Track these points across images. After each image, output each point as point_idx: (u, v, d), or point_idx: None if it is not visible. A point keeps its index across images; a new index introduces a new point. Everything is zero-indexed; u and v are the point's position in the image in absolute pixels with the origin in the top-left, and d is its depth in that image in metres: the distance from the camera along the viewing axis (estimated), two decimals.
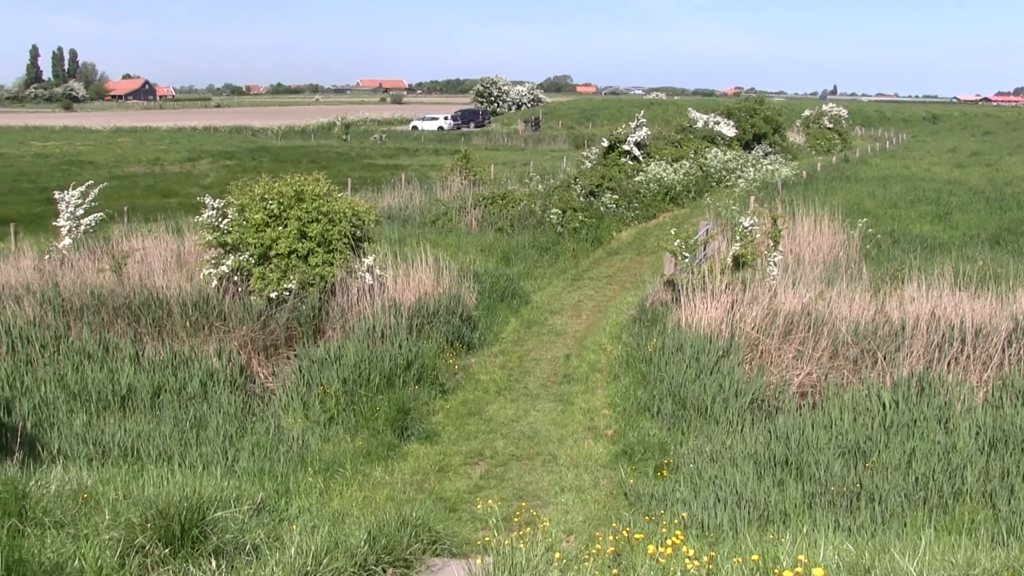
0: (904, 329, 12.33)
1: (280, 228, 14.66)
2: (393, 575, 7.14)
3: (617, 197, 28.74)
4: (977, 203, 29.41)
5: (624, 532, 7.68)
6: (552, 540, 7.25)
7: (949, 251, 20.10)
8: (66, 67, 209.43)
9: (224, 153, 57.60)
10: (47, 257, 16.99)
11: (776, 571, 5.98)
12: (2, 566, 5.37)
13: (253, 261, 14.65)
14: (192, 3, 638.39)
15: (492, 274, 19.09)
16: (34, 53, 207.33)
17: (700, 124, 46.13)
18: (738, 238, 16.12)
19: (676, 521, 8.25)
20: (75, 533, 6.27)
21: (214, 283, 14.61)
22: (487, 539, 7.44)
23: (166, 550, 6.10)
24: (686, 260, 16.21)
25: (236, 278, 14.76)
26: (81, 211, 18.29)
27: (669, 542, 6.79)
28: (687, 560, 6.40)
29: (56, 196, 18.67)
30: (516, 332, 16.52)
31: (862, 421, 10.46)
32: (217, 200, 15.37)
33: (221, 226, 15.12)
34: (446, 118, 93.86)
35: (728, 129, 46.51)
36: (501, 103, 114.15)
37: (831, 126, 66.73)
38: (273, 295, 14.31)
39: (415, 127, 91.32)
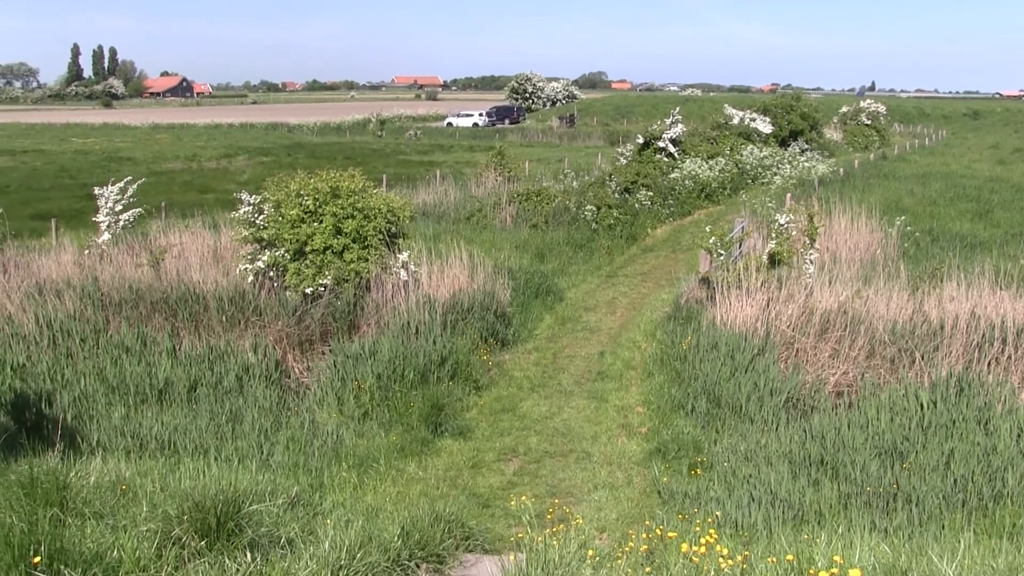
0: (943, 328, 12.18)
1: (315, 224, 14.74)
2: (427, 570, 7.16)
3: (652, 194, 28.62)
4: (1020, 200, 28.99)
5: (657, 530, 7.65)
6: (585, 537, 7.26)
7: (990, 249, 19.83)
8: (106, 65, 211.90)
9: (260, 149, 58.06)
10: (87, 252, 17.21)
11: (811, 571, 5.94)
12: (45, 555, 5.45)
13: (289, 257, 14.76)
14: (229, 0, 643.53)
15: (526, 271, 19.08)
16: (75, 52, 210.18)
17: (736, 121, 45.81)
18: (774, 236, 16.01)
19: (710, 520, 8.22)
20: (114, 524, 6.34)
21: (250, 278, 14.73)
22: (520, 535, 7.45)
23: (202, 542, 6.15)
24: (721, 257, 16.13)
25: (272, 273, 14.87)
26: (120, 207, 18.51)
27: (703, 541, 6.76)
28: (721, 559, 6.37)
29: (96, 192, 18.91)
30: (550, 329, 16.51)
31: (899, 421, 10.34)
32: (253, 196, 15.49)
33: (257, 222, 15.24)
34: (481, 115, 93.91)
35: (764, 126, 46.17)
36: (536, 100, 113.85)
37: (869, 123, 66.07)
38: (308, 290, 14.40)
39: (450, 124, 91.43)
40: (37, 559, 5.40)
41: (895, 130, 79.03)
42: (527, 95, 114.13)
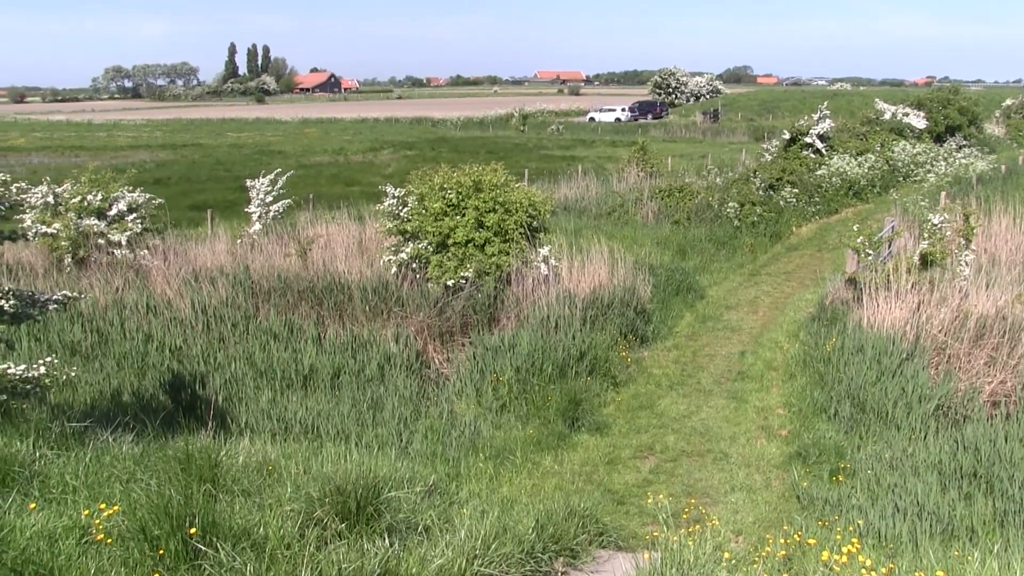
0: None
1: (458, 217, 14.94)
2: (563, 564, 7.16)
3: (797, 191, 27.92)
4: None
5: (796, 536, 7.44)
6: (721, 539, 7.12)
7: None
8: (259, 62, 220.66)
9: (405, 144, 59.30)
10: (239, 241, 17.94)
11: None
12: (199, 527, 5.71)
13: (431, 249, 15.00)
14: None
15: (667, 267, 18.89)
16: (232, 51, 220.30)
17: (887, 116, 44.23)
18: (926, 235, 15.37)
19: (851, 528, 7.94)
20: (260, 502, 6.58)
21: (393, 270, 15.06)
22: (655, 534, 7.37)
23: (342, 525, 6.32)
24: (869, 257, 15.59)
25: (414, 265, 15.16)
26: (270, 198, 19.22)
27: (844, 550, 6.54)
28: (863, 570, 6.16)
29: (248, 184, 19.69)
30: (690, 326, 16.29)
31: None
32: (398, 189, 15.82)
33: (401, 214, 15.55)
34: (623, 109, 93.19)
35: (918, 121, 44.36)
36: (679, 94, 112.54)
37: None
38: (450, 283, 14.61)
39: (592, 119, 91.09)
40: (193, 530, 5.67)
41: None
42: (670, 90, 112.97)
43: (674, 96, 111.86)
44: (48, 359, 8.67)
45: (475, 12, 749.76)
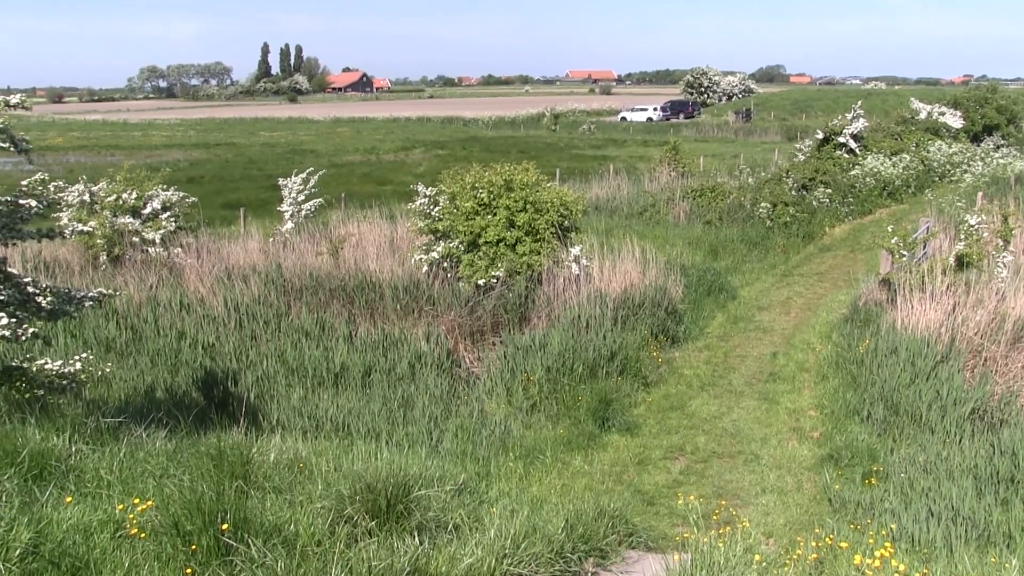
0: None
1: (489, 217, 14.95)
2: (593, 564, 7.15)
3: (831, 191, 27.71)
4: None
5: (827, 539, 7.37)
6: (751, 541, 7.06)
7: None
8: (292, 62, 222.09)
9: (436, 143, 59.46)
10: (271, 240, 18.06)
11: None
12: (230, 523, 5.75)
13: (462, 248, 15.03)
14: None
15: (699, 267, 18.82)
16: (264, 50, 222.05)
17: (923, 115, 43.72)
18: (962, 236, 15.20)
19: (884, 532, 7.85)
20: (291, 500, 6.61)
21: (424, 268, 15.09)
22: (686, 535, 7.33)
23: (372, 523, 6.34)
24: (903, 258, 15.43)
25: (446, 264, 15.19)
26: (302, 197, 19.33)
27: (877, 554, 6.48)
28: (896, 575, 6.09)
29: (280, 183, 19.81)
30: (722, 327, 16.21)
31: None
32: (429, 188, 15.85)
33: (432, 213, 15.59)
34: (655, 109, 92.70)
35: (954, 120, 43.81)
36: (711, 94, 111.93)
37: None
38: (481, 282, 14.63)
39: (624, 118, 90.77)
40: (225, 526, 5.71)
41: None
42: (702, 89, 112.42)
43: (706, 95, 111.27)
44: (84, 355, 8.78)
45: (507, 12, 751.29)
